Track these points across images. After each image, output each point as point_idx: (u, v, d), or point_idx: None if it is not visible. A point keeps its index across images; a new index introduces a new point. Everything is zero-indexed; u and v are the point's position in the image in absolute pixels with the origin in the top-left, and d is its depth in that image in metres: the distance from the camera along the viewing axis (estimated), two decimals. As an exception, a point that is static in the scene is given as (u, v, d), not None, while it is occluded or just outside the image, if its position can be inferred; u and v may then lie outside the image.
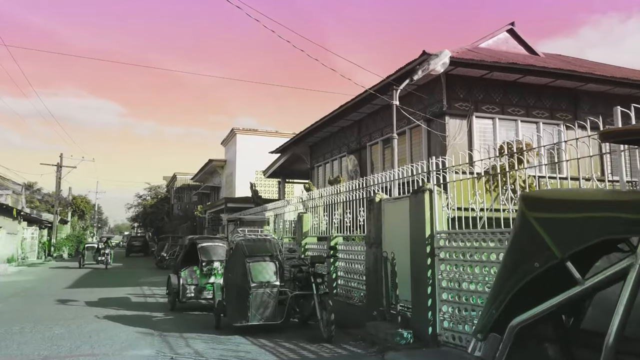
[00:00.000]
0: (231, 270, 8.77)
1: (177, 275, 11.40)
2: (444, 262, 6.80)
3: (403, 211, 7.66)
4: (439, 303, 6.78)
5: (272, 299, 7.98)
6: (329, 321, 7.40)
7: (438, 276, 6.83)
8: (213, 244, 11.38)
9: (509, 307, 2.33)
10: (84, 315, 10.53)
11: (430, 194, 7.02)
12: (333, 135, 20.58)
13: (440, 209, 7.00)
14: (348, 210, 10.10)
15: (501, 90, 14.09)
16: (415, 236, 7.18)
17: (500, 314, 2.35)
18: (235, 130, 35.78)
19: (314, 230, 12.24)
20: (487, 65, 13.03)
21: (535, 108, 14.46)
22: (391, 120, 16.33)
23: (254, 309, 7.88)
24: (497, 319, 2.36)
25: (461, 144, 13.41)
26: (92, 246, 29.93)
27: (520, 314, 2.22)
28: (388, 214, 8.22)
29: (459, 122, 13.57)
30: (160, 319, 10.17)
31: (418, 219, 7.10)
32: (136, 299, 13.52)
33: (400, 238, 7.73)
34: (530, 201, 2.30)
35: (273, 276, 8.11)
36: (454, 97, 13.60)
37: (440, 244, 6.88)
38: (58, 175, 44.29)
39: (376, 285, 8.20)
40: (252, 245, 8.50)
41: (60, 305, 12.20)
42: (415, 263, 7.14)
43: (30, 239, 39.38)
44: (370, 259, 8.53)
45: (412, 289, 7.17)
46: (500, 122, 13.94)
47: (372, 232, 8.54)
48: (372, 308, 8.30)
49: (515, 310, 2.30)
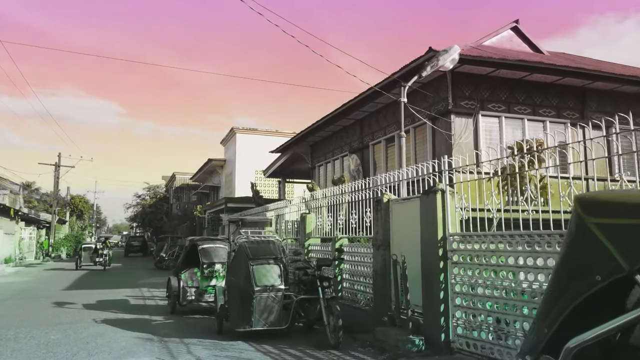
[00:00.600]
0: (234, 273, 8.47)
1: (177, 278, 11.10)
2: (457, 265, 6.51)
3: (413, 212, 7.37)
4: (452, 308, 6.49)
5: (277, 303, 7.68)
6: (337, 327, 7.11)
7: (451, 280, 6.54)
8: (214, 246, 11.07)
9: (564, 326, 2.04)
10: (81, 319, 10.23)
11: (442, 195, 6.73)
12: (335, 135, 20.29)
13: (453, 210, 6.71)
14: (354, 210, 9.81)
15: (507, 88, 13.81)
16: (426, 238, 6.89)
17: (553, 333, 2.07)
18: (235, 130, 35.48)
19: (317, 231, 11.96)
20: (495, 62, 12.75)
21: (541, 107, 14.17)
22: (395, 119, 16.12)
23: (257, 314, 7.58)
24: (550, 339, 2.07)
25: (467, 143, 13.14)
26: (90, 247, 28.06)
27: (577, 334, 1.93)
28: (396, 215, 7.93)
29: (464, 121, 13.29)
30: (160, 323, 9.87)
31: (429, 221, 6.81)
32: (135, 302, 13.22)
33: (409, 240, 7.45)
34: (588, 204, 2.00)
35: (277, 279, 7.81)
36: (459, 95, 13.32)
37: (453, 247, 6.58)
38: (56, 174, 43.95)
39: (384, 288, 7.91)
40: (255, 247, 8.19)
41: (57, 308, 11.89)
42: (426, 266, 6.85)
43: (28, 239, 39.07)
44: (377, 262, 8.24)
45: (423, 294, 6.88)
46: (507, 121, 13.67)
47: (379, 234, 8.24)
48: (379, 312, 8.01)
49: (570, 329, 2.00)
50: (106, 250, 26.18)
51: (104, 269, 25.24)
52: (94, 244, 29.09)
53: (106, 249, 26.36)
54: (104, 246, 26.71)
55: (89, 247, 27.97)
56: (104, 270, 24.99)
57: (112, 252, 28.74)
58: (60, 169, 44.08)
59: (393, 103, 16.07)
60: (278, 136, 33.00)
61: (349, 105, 16.62)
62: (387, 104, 16.22)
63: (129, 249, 45.77)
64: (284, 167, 26.89)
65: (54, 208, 42.82)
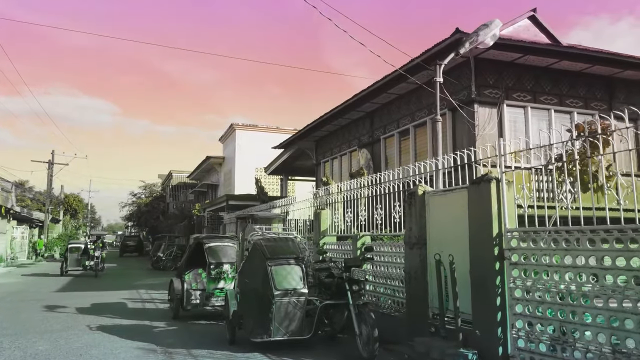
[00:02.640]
0: (248, 274, 7.48)
1: (181, 279, 10.09)
2: (517, 266, 5.54)
3: (457, 205, 6.41)
4: (511, 317, 5.52)
5: (299, 309, 6.69)
6: (371, 338, 6.13)
7: (509, 284, 5.57)
8: (222, 244, 10.04)
9: None
10: (74, 325, 9.19)
11: (497, 184, 5.76)
12: (342, 129, 19.33)
13: (512, 202, 5.74)
14: (379, 205, 8.83)
15: (533, 76, 12.90)
16: (476, 235, 5.92)
17: None
18: (235, 126, 34.45)
19: (332, 228, 10.99)
20: (525, 47, 11.82)
21: (568, 97, 13.27)
22: (409, 110, 15.17)
23: (277, 322, 6.59)
24: None
25: (491, 134, 12.22)
26: (78, 247, 22.52)
27: None
28: (435, 208, 6.96)
29: (488, 111, 12.36)
30: (163, 330, 8.86)
31: (481, 215, 5.84)
32: (133, 305, 12.19)
33: (452, 237, 6.49)
34: None
35: (300, 282, 6.80)
36: (482, 84, 12.39)
37: (511, 245, 5.62)
38: (49, 172, 42.82)
39: (420, 293, 6.94)
40: (273, 245, 7.18)
41: (48, 312, 10.84)
42: (477, 268, 5.88)
43: (21, 238, 37.92)
44: (411, 262, 7.26)
45: (472, 300, 5.91)
46: (532, 112, 12.74)
47: (413, 231, 7.27)
48: (414, 320, 7.05)
49: None
50: (98, 252, 21.30)
51: (95, 274, 20.82)
52: (84, 243, 23.64)
53: (98, 249, 21.47)
54: (96, 246, 21.78)
55: (76, 247, 22.54)
56: (95, 276, 20.60)
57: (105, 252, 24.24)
58: (53, 166, 42.97)
59: (407, 94, 15.14)
60: (279, 133, 32.04)
61: (361, 96, 15.65)
62: (400, 95, 15.29)
63: (124, 248, 44.66)
64: (286, 163, 25.92)
65: (47, 207, 41.64)
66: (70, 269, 21.68)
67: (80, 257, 21.75)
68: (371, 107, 16.78)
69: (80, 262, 21.56)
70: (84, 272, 21.76)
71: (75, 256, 21.90)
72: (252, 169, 32.93)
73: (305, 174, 26.37)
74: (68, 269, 21.63)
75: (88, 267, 21.16)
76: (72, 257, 21.88)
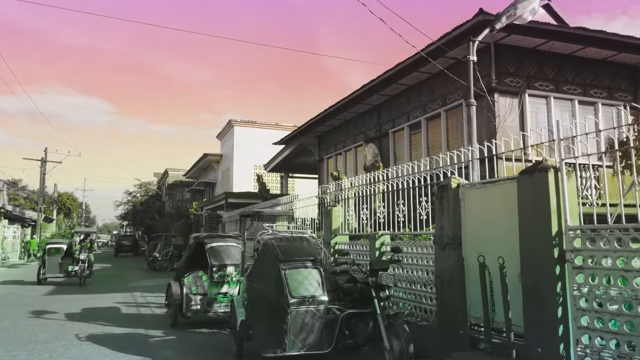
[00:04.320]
0: (258, 279, 6.58)
1: (180, 283, 9.18)
2: (582, 271, 4.67)
3: (501, 199, 5.54)
4: (575, 331, 4.65)
5: (318, 319, 5.79)
6: (405, 353, 5.25)
7: (572, 292, 4.70)
8: (226, 244, 9.12)
9: None
10: (61, 334, 8.27)
11: (555, 174, 4.89)
12: (347, 123, 18.46)
13: (574, 195, 4.87)
14: (401, 200, 7.95)
15: (555, 64, 12.06)
16: (530, 234, 5.05)
17: None
18: (233, 122, 33.48)
19: (344, 227, 10.10)
20: (551, 31, 10.96)
21: (592, 87, 12.44)
22: (420, 102, 14.26)
23: (293, 334, 5.69)
24: None
25: (513, 126, 11.37)
26: (58, 247, 17.81)
27: None
28: (472, 203, 6.09)
29: (509, 101, 11.52)
30: (160, 340, 7.95)
31: (536, 210, 4.96)
32: (127, 310, 11.27)
33: (494, 236, 5.62)
34: None
35: (318, 288, 5.90)
36: (503, 72, 11.53)
37: (575, 246, 4.74)
38: (42, 170, 41.72)
39: (454, 300, 6.08)
40: (286, 245, 6.27)
41: (34, 319, 9.91)
42: (530, 272, 5.01)
43: (12, 238, 36.88)
44: (443, 265, 6.39)
45: (524, 310, 5.03)
46: (555, 102, 11.90)
47: (445, 229, 6.40)
48: (447, 330, 6.18)
49: None
50: (85, 254, 16.97)
51: (80, 282, 16.60)
52: (67, 243, 18.76)
53: (85, 251, 17.20)
54: (82, 247, 17.53)
55: (56, 248, 17.80)
56: (80, 285, 16.46)
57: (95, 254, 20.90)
58: (46, 164, 41.87)
59: (418, 84, 14.27)
60: (278, 129, 31.11)
61: (369, 87, 14.75)
62: (411, 86, 14.44)
63: (119, 248, 43.60)
64: (287, 160, 25.03)
65: (40, 205, 40.55)
66: (50, 275, 17.26)
67: (62, 261, 17.25)
68: (379, 100, 15.93)
69: (62, 267, 17.13)
70: (67, 280, 17.52)
71: (56, 260, 17.30)
72: (251, 167, 32.02)
73: (306, 171, 25.48)
74: (47, 276, 17.26)
75: (72, 273, 16.89)
76: (52, 260, 17.34)
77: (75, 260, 16.93)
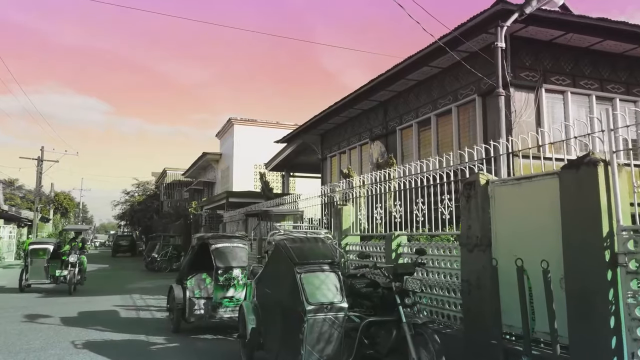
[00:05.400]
0: (270, 283, 6.07)
1: (182, 286, 8.67)
2: (637, 276, 4.19)
3: (539, 197, 5.05)
4: (631, 344, 4.17)
5: (337, 328, 5.28)
6: (435, 367, 4.76)
7: (627, 299, 4.22)
8: (231, 245, 8.58)
9: None
10: (56, 341, 7.74)
11: (605, 168, 4.40)
12: (351, 120, 17.97)
13: (629, 191, 4.38)
14: (421, 199, 7.46)
15: (572, 58, 11.58)
16: (575, 236, 4.55)
17: None
18: (233, 121, 32.95)
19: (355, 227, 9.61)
20: (570, 22, 10.46)
21: (609, 82, 11.97)
22: (431, 98, 13.76)
23: (310, 344, 5.18)
24: None
25: (529, 122, 10.90)
26: (43, 248, 14.98)
27: None
28: (503, 202, 5.60)
29: (525, 96, 11.04)
30: (162, 348, 7.43)
31: (582, 209, 4.47)
32: (126, 314, 10.74)
33: (530, 238, 5.13)
34: None
35: (337, 294, 5.38)
36: (518, 65, 11.04)
37: (629, 248, 4.26)
38: (39, 169, 41.06)
39: (485, 306, 5.58)
40: (300, 247, 5.75)
41: (26, 323, 9.38)
42: (576, 277, 4.51)
43: (8, 238, 36.27)
44: (471, 268, 5.89)
45: (570, 319, 4.54)
46: (572, 97, 11.43)
47: (473, 229, 5.91)
48: (474, 339, 5.69)
49: None
50: (75, 257, 14.27)
51: (70, 290, 14.04)
52: (54, 243, 15.83)
53: (76, 252, 14.44)
54: (73, 247, 14.73)
55: (41, 249, 14.93)
56: (70, 292, 13.95)
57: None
58: (43, 163, 41.23)
59: (428, 79, 13.77)
60: (279, 128, 30.63)
61: (377, 82, 14.26)
62: (420, 81, 13.96)
63: (116, 248, 43.07)
64: (288, 159, 24.55)
65: (36, 205, 39.89)
66: (33, 281, 14.69)
67: (48, 264, 14.68)
68: (386, 96, 15.46)
69: (49, 272, 14.66)
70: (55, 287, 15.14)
71: (41, 263, 14.65)
72: (251, 166, 31.54)
73: (308, 170, 25.00)
74: (30, 282, 14.69)
75: (61, 278, 14.52)
76: (36, 264, 14.65)
77: (65, 263, 14.49)
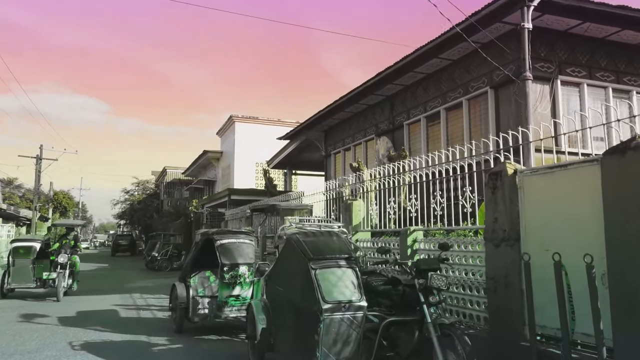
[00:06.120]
0: (281, 280, 5.66)
1: (185, 285, 8.26)
2: (694, 272, 3.79)
3: (575, 187, 4.66)
4: (687, 346, 3.77)
5: (355, 329, 4.87)
6: (467, 373, 4.35)
7: (682, 298, 3.82)
8: (237, 241, 8.16)
9: None
10: (52, 342, 7.33)
11: (655, 153, 4.00)
12: (356, 116, 17.58)
13: (682, 178, 3.98)
14: (438, 192, 7.06)
15: (588, 49, 11.19)
16: (620, 228, 4.16)
17: None
18: (234, 118, 32.54)
19: (366, 223, 9.22)
20: (588, 10, 10.05)
21: (626, 74, 11.58)
22: (440, 91, 13.35)
23: (326, 346, 4.77)
24: None
25: (545, 114, 10.51)
26: (29, 247, 12.76)
27: None
28: (533, 193, 5.20)
29: (540, 88, 10.65)
30: (164, 350, 7.02)
31: (628, 198, 4.07)
32: (126, 313, 10.34)
33: (565, 231, 4.74)
34: None
35: (355, 292, 4.97)
36: (533, 56, 10.59)
37: (683, 241, 3.86)
38: (37, 168, 40.64)
39: (513, 305, 5.18)
40: (314, 241, 5.34)
41: (23, 324, 8.97)
42: (622, 273, 4.11)
43: (7, 237, 35.85)
44: (498, 264, 5.49)
45: (614, 318, 4.14)
46: (588, 89, 11.05)
47: (500, 223, 5.51)
48: (502, 340, 5.29)
49: None
50: (65, 257, 12.47)
51: (57, 297, 12.09)
52: (41, 241, 13.39)
53: (67, 251, 12.69)
54: (64, 245, 12.94)
55: (26, 247, 12.78)
56: (58, 300, 12.00)
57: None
58: (42, 162, 40.82)
59: (437, 72, 13.37)
60: (280, 125, 30.22)
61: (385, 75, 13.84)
62: (429, 74, 13.57)
63: (116, 248, 42.73)
64: (291, 156, 24.14)
65: (35, 204, 39.47)
66: (17, 285, 12.64)
67: (34, 265, 12.68)
68: (393, 90, 15.08)
69: (34, 274, 12.67)
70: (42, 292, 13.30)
71: (26, 263, 12.55)
72: (252, 164, 31.14)
73: (311, 168, 24.59)
74: (13, 286, 12.65)
75: (49, 281, 12.77)
76: (20, 265, 12.54)
77: (54, 264, 12.72)
